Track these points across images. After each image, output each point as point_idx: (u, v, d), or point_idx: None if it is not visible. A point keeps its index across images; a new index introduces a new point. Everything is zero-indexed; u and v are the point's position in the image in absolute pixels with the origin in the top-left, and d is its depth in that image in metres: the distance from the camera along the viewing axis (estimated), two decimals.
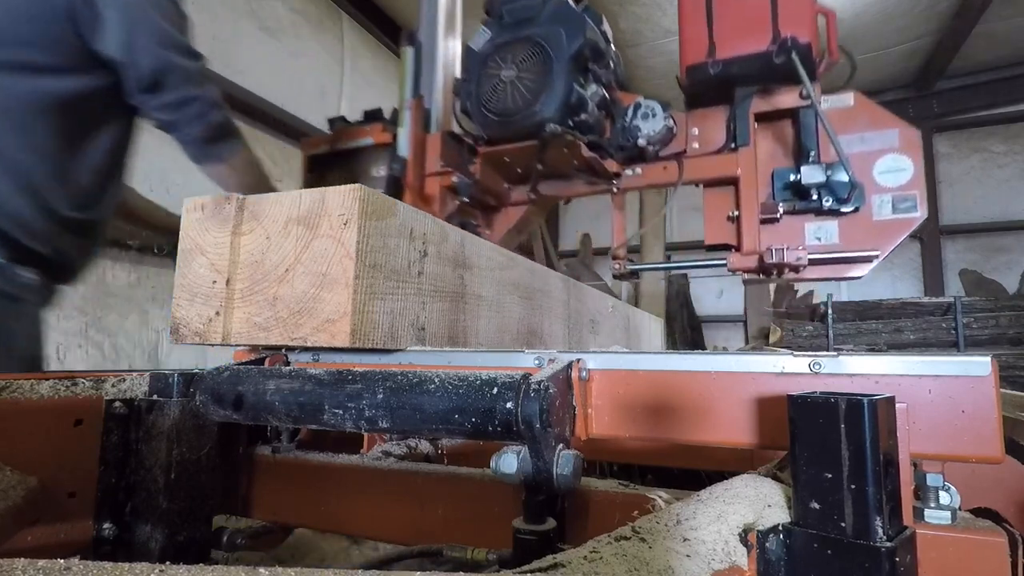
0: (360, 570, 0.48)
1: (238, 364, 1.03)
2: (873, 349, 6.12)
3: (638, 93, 2.31)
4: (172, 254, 1.07)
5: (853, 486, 0.56)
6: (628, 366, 0.86)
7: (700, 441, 0.80)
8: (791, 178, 2.07)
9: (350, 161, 2.47)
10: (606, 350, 0.94)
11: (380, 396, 0.82)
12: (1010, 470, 0.92)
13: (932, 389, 0.70)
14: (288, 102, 5.21)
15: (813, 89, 1.95)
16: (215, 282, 1.00)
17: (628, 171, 2.38)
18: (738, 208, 2.16)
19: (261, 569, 0.45)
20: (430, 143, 2.33)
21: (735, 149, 2.17)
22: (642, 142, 2.21)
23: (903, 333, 6.20)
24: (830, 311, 6.36)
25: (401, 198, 2.26)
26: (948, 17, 7.00)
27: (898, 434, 0.61)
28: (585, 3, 2.23)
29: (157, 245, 3.00)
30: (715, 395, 0.79)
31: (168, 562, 0.48)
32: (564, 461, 0.74)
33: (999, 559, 0.62)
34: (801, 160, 2.07)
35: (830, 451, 0.57)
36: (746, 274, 2.18)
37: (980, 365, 0.69)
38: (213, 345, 1.01)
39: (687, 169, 2.25)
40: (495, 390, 0.76)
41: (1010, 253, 8.04)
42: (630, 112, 2.26)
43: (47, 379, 1.04)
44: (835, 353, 0.76)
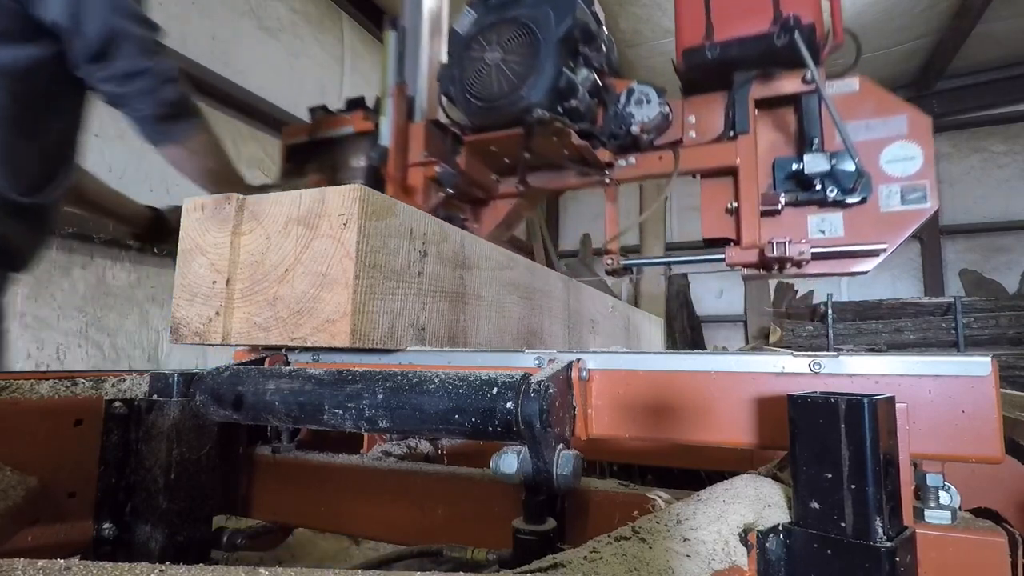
0: (360, 570, 0.48)
1: (238, 364, 1.03)
2: (873, 349, 6.13)
3: (632, 80, 2.20)
4: (172, 254, 1.07)
5: (853, 486, 0.56)
6: (628, 366, 0.86)
7: (700, 441, 0.80)
8: (793, 167, 1.95)
9: (330, 151, 2.34)
10: (606, 350, 0.94)
11: (380, 396, 0.82)
12: (1010, 470, 0.92)
13: (932, 389, 0.70)
14: (288, 102, 5.21)
15: (818, 72, 1.84)
16: (215, 282, 1.00)
17: (621, 161, 2.27)
18: (737, 200, 2.04)
19: (261, 569, 0.45)
20: (413, 132, 2.19)
21: (734, 137, 2.06)
22: (636, 130, 2.10)
23: (903, 333, 6.20)
24: (830, 311, 6.37)
25: (382, 189, 2.11)
26: (948, 17, 7.00)
27: (898, 434, 0.61)
28: None
29: (157, 248, 2.77)
30: (715, 395, 0.79)
31: (168, 562, 0.48)
32: (564, 461, 0.74)
33: (999, 559, 0.62)
34: (804, 148, 1.94)
35: (830, 451, 0.57)
36: (745, 269, 2.07)
37: (980, 365, 0.69)
38: (213, 345, 1.01)
39: (684, 159, 2.14)
40: (495, 390, 0.76)
41: (1010, 253, 8.04)
42: (623, 98, 2.15)
43: (47, 379, 1.05)
44: (835, 353, 0.76)
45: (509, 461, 0.76)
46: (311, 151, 2.39)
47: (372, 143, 2.22)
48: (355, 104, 2.39)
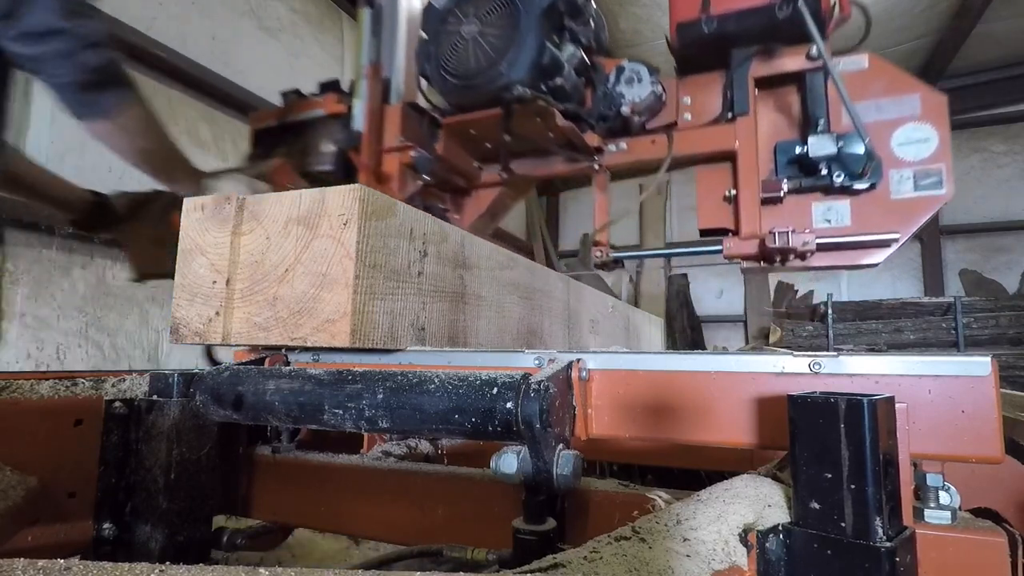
0: (360, 570, 0.48)
1: (238, 364, 1.03)
2: (873, 349, 6.12)
3: (623, 59, 2.07)
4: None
5: (853, 486, 0.56)
6: (628, 366, 0.86)
7: (700, 441, 0.80)
8: (797, 151, 1.80)
9: (300, 135, 2.19)
10: (606, 350, 0.94)
11: (380, 396, 0.82)
12: (1010, 470, 0.93)
13: (932, 389, 0.70)
14: None
15: (824, 47, 1.69)
16: (215, 282, 1.00)
17: (612, 146, 2.11)
18: (736, 187, 1.90)
19: (261, 569, 0.45)
20: (389, 115, 2.03)
21: (732, 119, 1.91)
22: (626, 111, 1.97)
23: (903, 333, 6.20)
24: (830, 311, 6.37)
25: (353, 177, 2.01)
26: (948, 17, 6.99)
27: (898, 434, 0.61)
28: None
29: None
30: (715, 395, 0.79)
31: (168, 562, 0.48)
32: (564, 461, 0.74)
33: (999, 559, 0.62)
34: (808, 131, 1.79)
35: (830, 451, 0.57)
36: (745, 262, 1.94)
37: (980, 365, 0.69)
38: (213, 345, 1.01)
39: (678, 143, 1.99)
40: (495, 390, 0.76)
41: (1010, 253, 8.04)
42: (612, 77, 2.01)
43: (47, 379, 1.05)
44: (835, 353, 0.76)
45: (509, 461, 0.76)
46: (280, 136, 2.25)
47: (339, 125, 2.09)
48: (329, 87, 2.24)
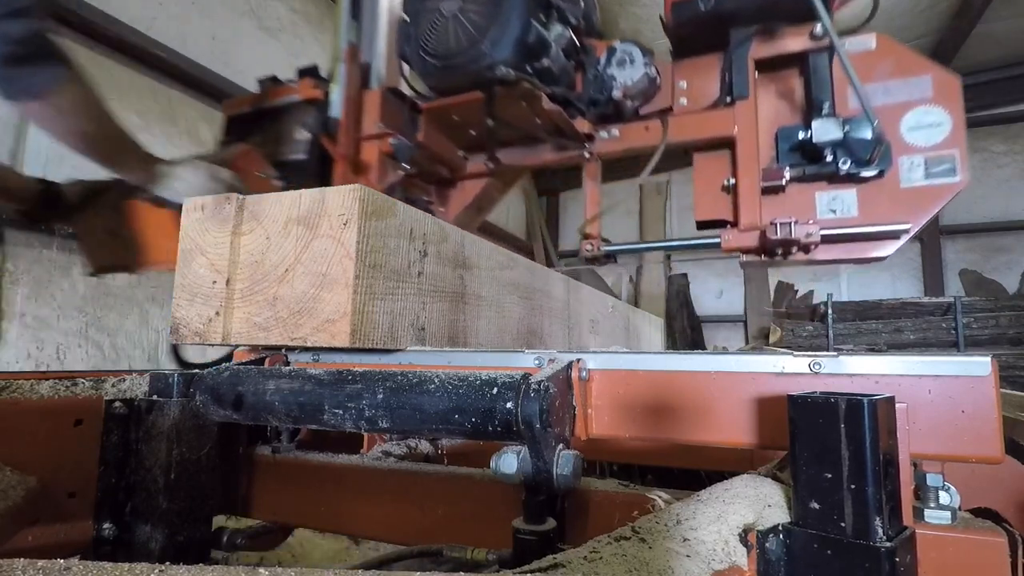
0: (360, 570, 0.48)
1: (238, 364, 1.03)
2: (873, 349, 6.12)
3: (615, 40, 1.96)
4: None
5: (853, 486, 0.56)
6: (628, 366, 0.86)
7: (700, 441, 0.80)
8: (800, 136, 1.69)
9: (274, 122, 2.07)
10: (606, 350, 0.94)
11: (380, 396, 0.82)
12: (1010, 470, 0.93)
13: (932, 389, 0.70)
14: None
15: (830, 23, 1.58)
16: (215, 282, 1.00)
17: (603, 133, 2.00)
18: (735, 175, 1.81)
19: (261, 569, 0.45)
20: (368, 101, 1.91)
21: (731, 104, 1.81)
22: (618, 94, 1.85)
23: (903, 333, 6.20)
24: (830, 311, 6.37)
25: (328, 166, 1.91)
26: (948, 17, 7.00)
27: (898, 434, 0.61)
28: None
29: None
30: (715, 395, 0.79)
31: (168, 562, 0.48)
32: (564, 461, 0.74)
33: (999, 559, 0.62)
34: (812, 115, 1.68)
35: (830, 451, 0.57)
36: (744, 255, 1.84)
37: (980, 365, 0.69)
38: (213, 345, 1.01)
39: (673, 129, 1.89)
40: (495, 390, 0.76)
41: (1010, 253, 8.04)
42: (603, 59, 1.90)
43: (47, 379, 1.05)
44: (835, 353, 0.76)
45: (509, 461, 0.76)
46: (255, 123, 2.13)
47: (310, 110, 1.98)
48: (307, 73, 2.14)
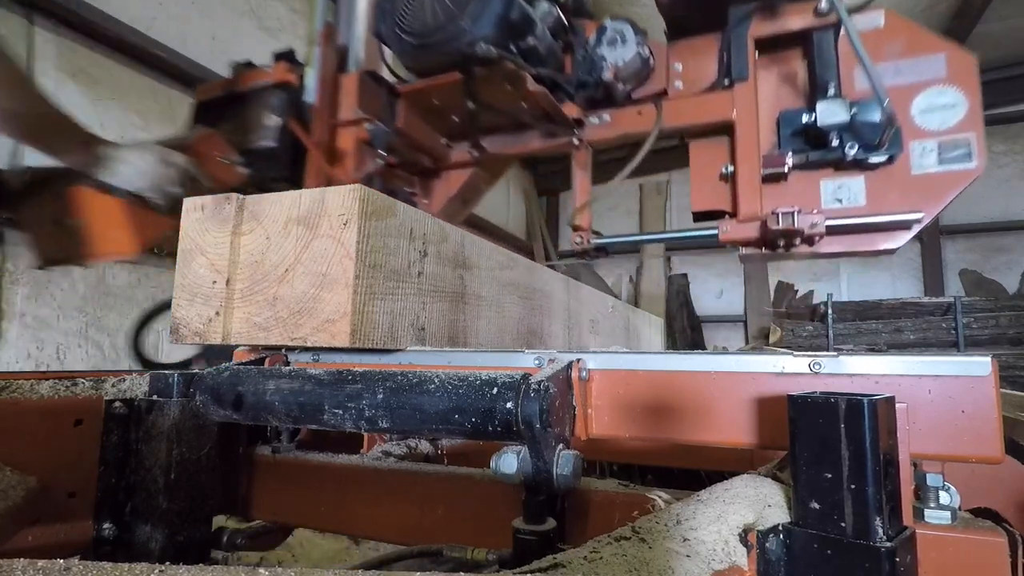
0: (360, 570, 0.48)
1: (238, 364, 1.03)
2: (873, 349, 6.13)
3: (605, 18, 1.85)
4: (172, 254, 1.06)
5: (853, 486, 0.56)
6: (628, 366, 0.86)
7: (700, 441, 0.80)
8: (803, 120, 1.59)
9: (245, 108, 1.96)
10: (606, 350, 0.94)
11: (380, 396, 0.82)
12: (1010, 470, 0.93)
13: (932, 389, 0.70)
14: None
15: None
16: (215, 282, 1.00)
17: (593, 119, 1.90)
18: (733, 162, 1.70)
19: (261, 569, 0.45)
20: (345, 85, 1.81)
21: (729, 86, 1.71)
22: (608, 76, 1.75)
23: (903, 333, 6.21)
24: (830, 311, 6.37)
25: (300, 154, 1.82)
26: (948, 17, 7.00)
27: (898, 434, 0.61)
28: None
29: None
30: (715, 395, 0.79)
31: (168, 562, 0.48)
32: (564, 461, 0.74)
33: (999, 559, 0.62)
34: (816, 97, 1.58)
35: (830, 451, 0.57)
36: (744, 248, 1.73)
37: (980, 365, 0.69)
38: (213, 345, 1.01)
39: (668, 113, 1.78)
40: (495, 390, 0.76)
41: (1010, 253, 8.04)
42: (593, 38, 1.79)
43: (47, 379, 1.05)
44: (835, 353, 0.76)
45: (509, 461, 0.76)
46: (227, 108, 2.02)
47: (284, 94, 1.87)
48: (282, 57, 2.03)
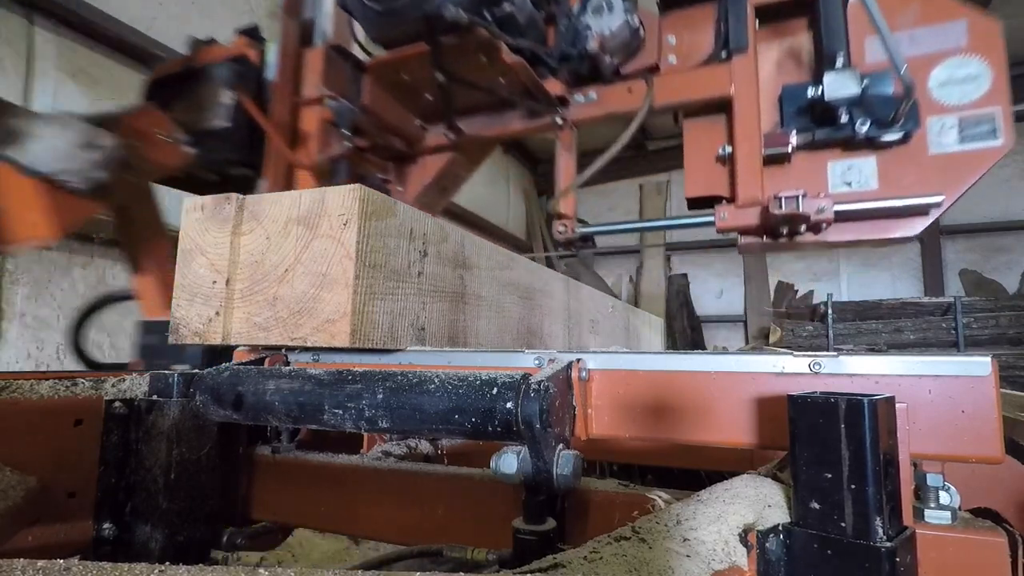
0: (360, 570, 0.48)
1: (238, 364, 1.03)
2: (873, 349, 6.13)
3: None
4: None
5: (853, 486, 0.56)
6: (628, 366, 0.86)
7: (700, 441, 0.80)
8: (809, 95, 1.41)
9: (199, 86, 1.81)
10: (606, 350, 0.94)
11: (380, 396, 0.82)
12: (1010, 470, 0.92)
13: (932, 389, 0.70)
14: None
15: None
16: (215, 282, 1.00)
17: (579, 96, 1.74)
18: (731, 142, 1.53)
19: (261, 569, 0.45)
20: (309, 61, 1.66)
21: (727, 59, 1.55)
22: (593, 46, 1.58)
23: (903, 333, 6.21)
24: (830, 311, 6.37)
25: (259, 136, 1.68)
26: None
27: (898, 434, 0.61)
28: None
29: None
30: (715, 395, 0.79)
31: (168, 562, 0.48)
32: (564, 461, 0.74)
33: (999, 559, 0.62)
34: (823, 68, 1.40)
35: (830, 451, 0.57)
36: (743, 236, 1.56)
37: (980, 365, 0.69)
38: (213, 345, 1.01)
39: (660, 89, 1.63)
40: (495, 390, 0.76)
41: (1010, 253, 8.04)
42: (577, 6, 1.63)
43: (47, 379, 1.05)
44: (835, 353, 0.76)
45: (509, 461, 0.76)
46: (182, 86, 1.86)
47: (242, 70, 1.73)
48: (246, 33, 1.89)
